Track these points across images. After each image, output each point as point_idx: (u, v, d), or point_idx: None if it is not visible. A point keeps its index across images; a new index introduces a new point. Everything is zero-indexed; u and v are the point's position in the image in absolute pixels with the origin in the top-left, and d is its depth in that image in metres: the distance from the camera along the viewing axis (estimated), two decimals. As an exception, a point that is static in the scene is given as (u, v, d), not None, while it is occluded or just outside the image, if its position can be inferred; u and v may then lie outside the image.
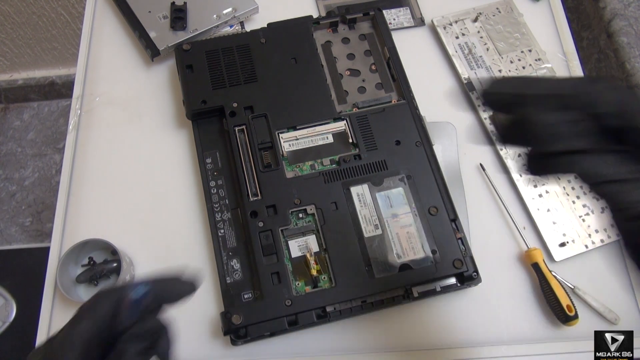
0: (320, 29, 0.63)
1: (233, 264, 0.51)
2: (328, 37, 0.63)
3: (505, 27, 0.66)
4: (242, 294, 0.49)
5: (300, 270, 0.49)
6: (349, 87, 0.60)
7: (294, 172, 0.54)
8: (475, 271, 0.49)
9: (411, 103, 0.57)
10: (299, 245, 0.50)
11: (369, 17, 0.63)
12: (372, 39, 0.63)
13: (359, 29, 0.63)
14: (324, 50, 0.62)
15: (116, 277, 0.53)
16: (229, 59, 0.59)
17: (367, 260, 0.49)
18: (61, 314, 0.53)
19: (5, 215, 1.34)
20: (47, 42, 1.32)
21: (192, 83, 0.58)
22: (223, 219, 0.53)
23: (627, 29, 0.69)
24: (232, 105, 0.56)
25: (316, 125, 0.56)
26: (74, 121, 0.62)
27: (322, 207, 0.51)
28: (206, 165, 0.55)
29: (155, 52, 0.62)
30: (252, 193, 0.52)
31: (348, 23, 0.63)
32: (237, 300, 0.49)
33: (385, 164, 0.54)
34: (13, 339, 1.13)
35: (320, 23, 0.62)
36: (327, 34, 0.63)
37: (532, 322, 0.52)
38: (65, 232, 0.56)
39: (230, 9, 0.64)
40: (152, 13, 0.64)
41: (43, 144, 1.44)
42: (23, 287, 1.18)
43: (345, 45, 0.62)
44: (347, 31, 0.63)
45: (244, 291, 0.49)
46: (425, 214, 0.51)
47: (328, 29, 0.63)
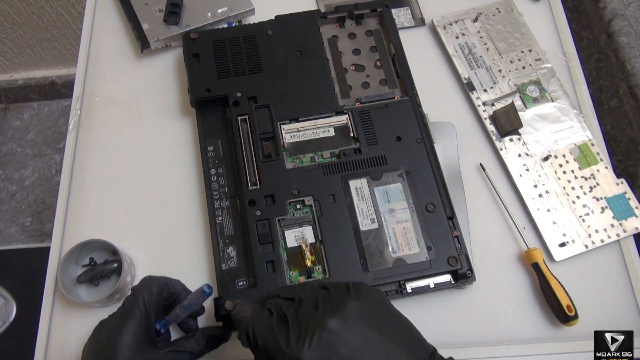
0: (327, 23, 0.63)
1: (229, 251, 0.51)
2: (335, 32, 0.63)
3: (505, 27, 0.66)
4: (236, 281, 0.49)
5: (295, 260, 0.50)
6: (353, 81, 0.60)
7: (294, 163, 0.54)
8: (470, 269, 0.49)
9: (414, 100, 0.57)
10: (295, 235, 0.51)
11: (376, 14, 0.64)
12: (379, 35, 0.63)
13: (366, 24, 0.64)
14: (330, 44, 0.62)
15: (117, 277, 0.53)
16: (235, 49, 0.59)
17: (362, 253, 0.50)
18: (61, 315, 0.53)
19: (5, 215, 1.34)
20: (47, 42, 1.32)
21: (198, 71, 0.58)
22: (222, 207, 0.53)
23: (627, 29, 0.69)
24: (236, 94, 0.57)
25: (318, 118, 0.56)
26: (74, 121, 0.62)
27: (320, 199, 0.52)
28: (208, 153, 0.56)
29: (145, 44, 0.63)
30: (252, 182, 0.53)
31: (355, 19, 0.63)
32: (231, 287, 0.49)
33: (385, 159, 0.54)
34: (13, 339, 1.13)
35: (328, 18, 0.63)
36: (334, 29, 0.63)
37: (532, 322, 0.52)
38: (66, 232, 0.56)
39: (225, 8, 0.64)
40: (148, 5, 0.65)
41: (43, 144, 1.44)
42: (23, 287, 1.18)
43: (352, 40, 0.63)
44: (354, 27, 0.63)
45: (238, 278, 0.50)
46: (422, 211, 0.52)
47: (335, 23, 0.64)
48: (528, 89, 0.62)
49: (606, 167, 0.58)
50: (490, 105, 0.61)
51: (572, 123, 0.60)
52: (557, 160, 0.58)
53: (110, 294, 0.50)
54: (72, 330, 0.52)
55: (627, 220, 0.55)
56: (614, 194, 0.56)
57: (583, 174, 0.57)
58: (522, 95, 0.61)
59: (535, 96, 0.61)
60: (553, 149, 0.59)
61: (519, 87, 0.62)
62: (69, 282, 0.52)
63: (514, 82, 0.62)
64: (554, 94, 0.61)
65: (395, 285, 0.49)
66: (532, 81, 0.62)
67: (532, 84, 0.62)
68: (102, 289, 0.53)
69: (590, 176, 0.57)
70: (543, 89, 0.62)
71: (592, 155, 0.58)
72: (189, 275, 0.53)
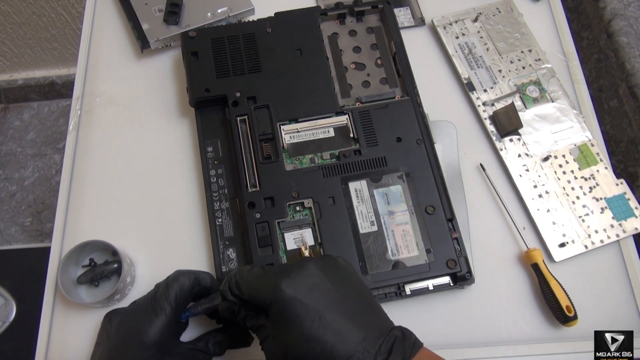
0: (327, 20, 0.63)
1: (229, 253, 0.51)
2: (335, 29, 0.63)
3: (505, 27, 0.66)
4: None
5: None
6: (353, 80, 0.60)
7: (294, 164, 0.54)
8: (469, 272, 0.49)
9: (415, 100, 0.57)
10: (295, 238, 0.51)
11: (377, 10, 0.63)
12: (380, 33, 0.62)
13: (366, 21, 0.63)
14: (330, 42, 0.61)
15: (117, 278, 0.53)
16: (234, 47, 0.59)
17: (361, 255, 0.50)
18: (61, 315, 0.53)
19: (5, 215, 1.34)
20: (47, 42, 1.32)
21: (197, 71, 0.58)
22: (221, 208, 0.53)
23: (627, 29, 0.69)
24: (235, 94, 0.56)
25: (318, 118, 0.56)
26: (74, 121, 0.62)
27: (319, 201, 0.52)
28: (207, 153, 0.55)
29: (145, 44, 0.63)
30: (251, 184, 0.53)
31: (356, 15, 0.63)
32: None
33: (385, 161, 0.54)
34: (13, 339, 1.13)
35: (328, 14, 0.62)
36: (334, 26, 0.63)
37: (531, 322, 0.52)
38: (66, 233, 0.56)
39: (225, 8, 0.64)
40: (148, 5, 0.65)
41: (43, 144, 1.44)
42: (23, 287, 1.18)
43: (352, 37, 0.62)
44: (355, 23, 0.63)
45: None
46: (422, 213, 0.51)
47: (335, 20, 0.63)
48: (528, 89, 0.62)
49: (606, 168, 0.58)
50: (490, 105, 0.61)
51: (572, 123, 0.60)
52: (557, 161, 0.58)
53: (110, 294, 0.50)
54: (72, 331, 0.52)
55: (627, 221, 0.55)
56: (614, 194, 0.56)
57: (583, 174, 0.57)
58: (522, 95, 0.61)
59: (535, 96, 0.61)
60: (553, 149, 0.59)
61: (519, 87, 0.62)
62: (69, 283, 0.52)
63: (514, 82, 0.62)
64: (554, 94, 0.61)
65: (394, 288, 0.49)
66: (532, 81, 0.62)
67: (532, 84, 0.62)
68: (102, 290, 0.53)
69: (590, 176, 0.57)
70: (543, 89, 0.62)
71: (592, 156, 0.58)
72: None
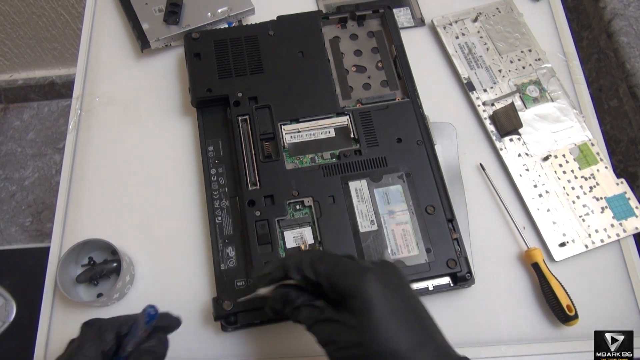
0: (329, 24, 0.63)
1: (228, 252, 0.51)
2: (336, 33, 0.63)
3: (505, 27, 0.66)
4: (235, 281, 0.49)
5: None
6: (354, 83, 0.60)
7: (294, 164, 0.54)
8: (469, 272, 0.49)
9: (415, 102, 0.57)
10: (294, 236, 0.51)
11: (378, 15, 0.64)
12: (380, 37, 0.63)
13: (367, 26, 0.64)
14: (331, 45, 0.62)
15: (116, 277, 0.53)
16: (236, 49, 0.59)
17: (361, 254, 0.50)
18: (61, 314, 0.53)
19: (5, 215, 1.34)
20: (47, 42, 1.32)
21: (199, 71, 0.58)
22: (221, 207, 0.53)
23: (627, 29, 0.69)
24: (237, 94, 0.57)
25: (319, 119, 0.56)
26: (74, 121, 0.62)
27: (319, 200, 0.52)
28: (208, 153, 0.56)
29: (145, 44, 0.63)
30: (251, 182, 0.53)
31: (357, 20, 0.63)
32: (230, 287, 0.49)
33: (385, 161, 0.54)
34: (13, 339, 1.13)
35: (330, 18, 0.63)
36: (335, 30, 0.63)
37: (532, 322, 0.52)
38: (65, 232, 0.56)
39: (225, 8, 0.65)
40: (148, 5, 0.65)
41: (43, 144, 1.44)
42: (23, 287, 1.18)
43: (353, 41, 0.63)
44: (356, 28, 0.63)
45: (237, 279, 0.50)
46: (422, 213, 0.52)
47: (337, 24, 0.64)
48: (528, 89, 0.62)
49: (606, 167, 0.58)
50: (490, 105, 0.61)
51: (572, 123, 0.60)
52: (557, 160, 0.58)
53: (109, 293, 0.50)
54: (71, 330, 0.52)
55: (627, 220, 0.55)
56: (614, 193, 0.56)
57: (583, 174, 0.57)
58: (522, 95, 0.61)
59: (535, 96, 0.61)
60: (553, 149, 0.58)
61: (518, 87, 0.62)
62: (68, 282, 0.52)
63: (513, 82, 0.62)
64: (554, 94, 0.61)
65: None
66: (532, 81, 0.62)
67: (532, 84, 0.62)
68: (101, 289, 0.53)
69: (590, 176, 0.57)
70: (543, 89, 0.62)
71: (592, 155, 0.58)
72: (188, 275, 0.54)
